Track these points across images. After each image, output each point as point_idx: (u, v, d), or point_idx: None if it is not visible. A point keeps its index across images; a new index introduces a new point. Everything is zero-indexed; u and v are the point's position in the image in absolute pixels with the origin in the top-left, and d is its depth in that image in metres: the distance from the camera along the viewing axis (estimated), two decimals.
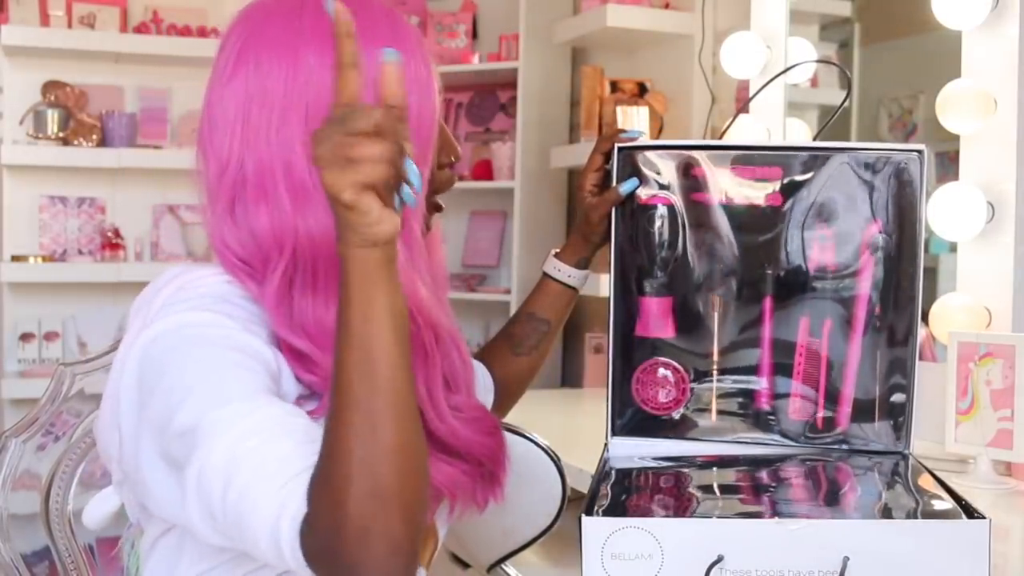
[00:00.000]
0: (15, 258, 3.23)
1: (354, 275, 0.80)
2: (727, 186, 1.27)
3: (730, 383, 1.29)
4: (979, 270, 1.63)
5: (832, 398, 1.25)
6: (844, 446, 1.25)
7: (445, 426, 0.99)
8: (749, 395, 1.28)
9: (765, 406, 1.28)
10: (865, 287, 1.24)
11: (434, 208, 1.09)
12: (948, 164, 1.75)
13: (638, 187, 1.28)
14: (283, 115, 0.97)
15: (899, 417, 1.24)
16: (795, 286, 1.26)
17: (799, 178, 1.26)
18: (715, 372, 1.29)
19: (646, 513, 1.02)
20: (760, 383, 1.28)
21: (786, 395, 1.27)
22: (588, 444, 1.14)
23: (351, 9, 0.93)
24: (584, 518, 0.98)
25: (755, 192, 1.27)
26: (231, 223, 0.98)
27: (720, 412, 1.29)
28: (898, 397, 1.24)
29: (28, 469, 1.34)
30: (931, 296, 1.68)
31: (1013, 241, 1.59)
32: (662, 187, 1.29)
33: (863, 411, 1.25)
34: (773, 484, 1.18)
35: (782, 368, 1.27)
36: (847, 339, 1.25)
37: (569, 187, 3.23)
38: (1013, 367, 1.42)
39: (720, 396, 1.29)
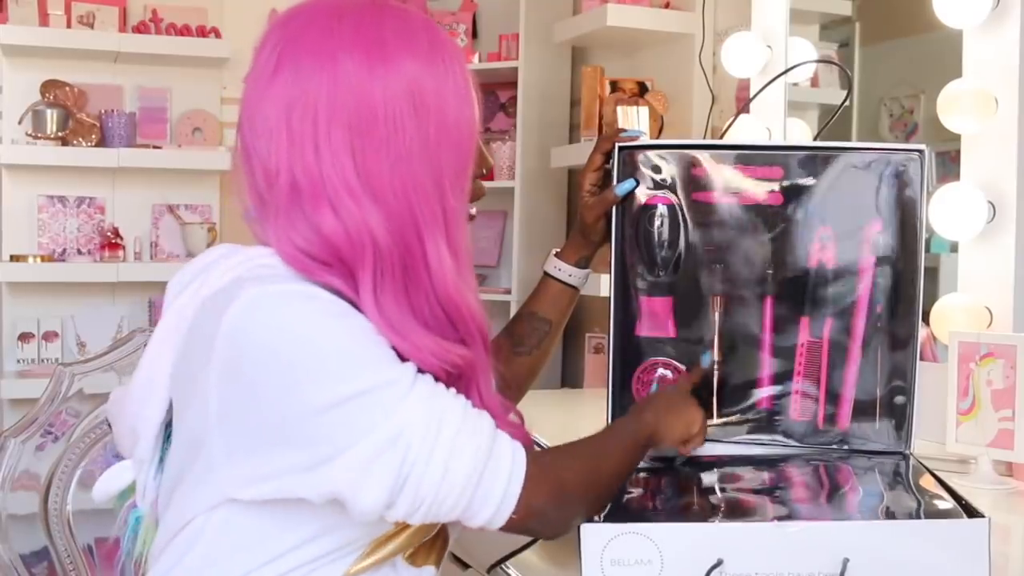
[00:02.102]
0: (14, 258, 3.22)
1: (634, 431, 1.13)
2: (728, 186, 1.27)
3: (731, 383, 1.29)
4: (980, 270, 1.63)
5: (833, 398, 1.25)
6: (845, 446, 1.25)
7: (500, 421, 1.02)
8: (750, 395, 1.28)
9: (766, 406, 1.28)
10: (866, 287, 1.24)
11: (468, 218, 1.10)
12: (949, 164, 1.75)
13: (635, 188, 1.28)
14: (328, 125, 0.98)
15: (900, 417, 1.23)
16: (796, 286, 1.26)
17: (800, 178, 1.26)
18: (716, 372, 1.29)
19: (646, 516, 1.02)
20: (761, 383, 1.28)
21: (787, 395, 1.27)
22: None
23: (390, 22, 0.99)
24: (583, 524, 0.97)
25: (756, 192, 1.27)
26: (293, 227, 0.99)
27: (721, 412, 1.29)
28: (899, 397, 1.23)
29: (27, 469, 1.34)
30: (932, 296, 1.68)
31: (1014, 241, 1.59)
32: (663, 187, 1.28)
33: (864, 411, 1.24)
34: (774, 485, 1.17)
35: (783, 368, 1.27)
36: (848, 338, 1.24)
37: (569, 187, 3.23)
38: (1014, 367, 1.41)
39: (720, 396, 1.29)
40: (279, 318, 0.93)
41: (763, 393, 1.28)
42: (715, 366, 1.29)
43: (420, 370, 0.97)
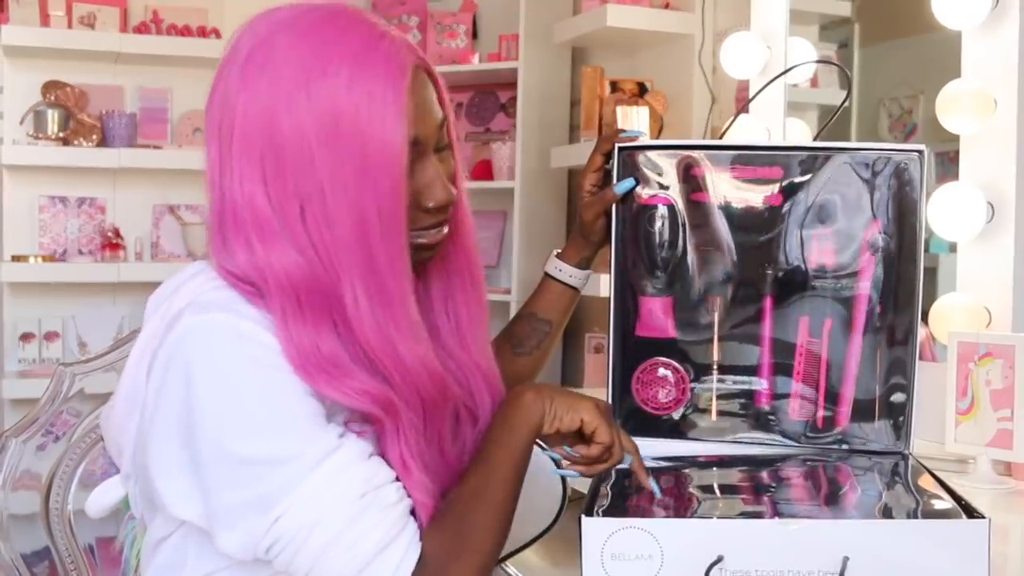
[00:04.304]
0: (15, 258, 3.23)
1: (512, 436, 1.02)
2: (727, 186, 1.27)
3: (730, 383, 1.29)
4: (979, 270, 1.63)
5: (832, 398, 1.25)
6: (844, 446, 1.25)
7: (440, 473, 1.00)
8: (749, 395, 1.28)
9: (765, 406, 1.28)
10: (865, 287, 1.24)
11: (416, 250, 1.01)
12: (948, 164, 1.75)
13: (635, 187, 1.28)
14: (242, 154, 0.94)
15: (899, 417, 1.24)
16: (795, 286, 1.26)
17: (799, 178, 1.26)
18: (715, 372, 1.29)
19: (646, 513, 1.02)
20: (760, 383, 1.28)
21: (786, 395, 1.27)
22: None
23: (318, 38, 0.93)
24: (584, 518, 0.98)
25: (755, 192, 1.27)
26: (219, 246, 0.97)
27: (720, 412, 1.29)
28: (898, 397, 1.24)
29: (28, 469, 1.34)
30: (931, 296, 1.68)
31: (1013, 241, 1.59)
32: (662, 187, 1.29)
33: (863, 411, 1.25)
34: (773, 484, 1.18)
35: (782, 368, 1.27)
36: (847, 339, 1.24)
37: (569, 187, 3.23)
38: (1013, 367, 1.42)
39: (720, 396, 1.29)
40: (202, 354, 0.92)
41: (762, 393, 1.28)
42: (715, 365, 1.29)
43: (352, 421, 0.94)
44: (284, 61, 0.93)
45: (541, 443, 1.06)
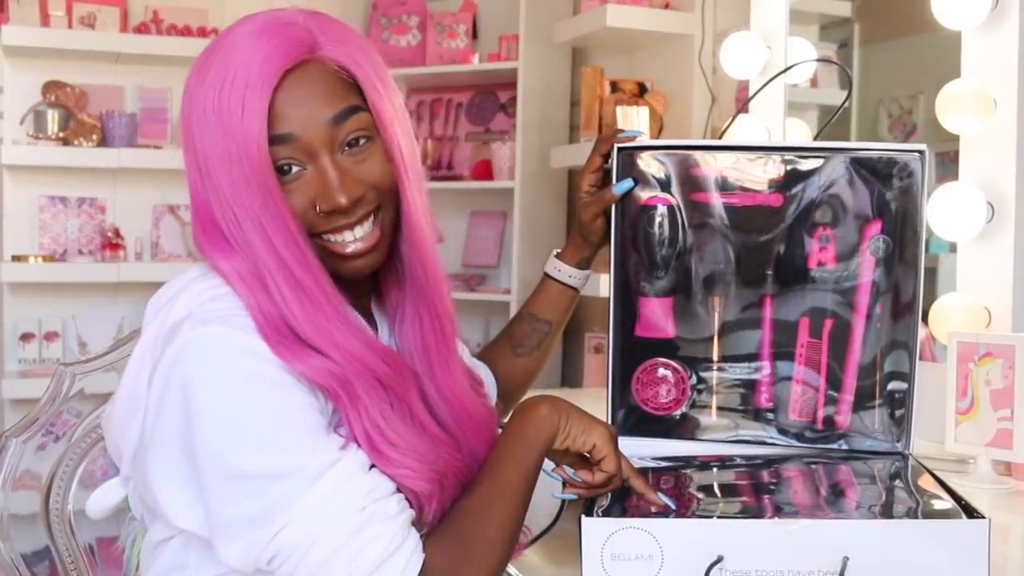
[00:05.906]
0: (15, 258, 3.23)
1: (526, 448, 1.02)
2: (727, 186, 1.27)
3: (730, 383, 1.29)
4: (979, 270, 1.63)
5: (832, 398, 1.25)
6: (844, 446, 1.25)
7: (423, 449, 0.99)
8: (749, 395, 1.28)
9: (765, 406, 1.28)
10: (865, 287, 1.24)
11: (339, 259, 1.02)
12: (948, 164, 1.75)
13: (633, 188, 1.28)
14: (184, 154, 1.00)
15: (899, 417, 1.24)
16: (795, 286, 1.26)
17: (799, 178, 1.26)
18: (715, 372, 1.29)
19: (646, 514, 1.02)
20: (760, 383, 1.28)
21: (786, 396, 1.27)
22: None
23: (203, 64, 0.98)
24: (584, 519, 0.98)
25: (755, 192, 1.27)
26: (196, 242, 1.04)
27: (720, 412, 1.29)
28: (899, 397, 1.24)
29: (28, 469, 1.34)
30: (931, 296, 1.68)
31: (1013, 241, 1.59)
32: (662, 187, 1.29)
33: (864, 411, 1.25)
34: (773, 484, 1.18)
35: (782, 368, 1.27)
36: (847, 340, 1.25)
37: (569, 187, 3.23)
38: (1013, 367, 1.42)
39: (720, 396, 1.29)
40: (202, 368, 0.92)
41: (762, 393, 1.28)
42: (715, 365, 1.29)
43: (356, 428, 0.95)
44: (194, 73, 0.99)
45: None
